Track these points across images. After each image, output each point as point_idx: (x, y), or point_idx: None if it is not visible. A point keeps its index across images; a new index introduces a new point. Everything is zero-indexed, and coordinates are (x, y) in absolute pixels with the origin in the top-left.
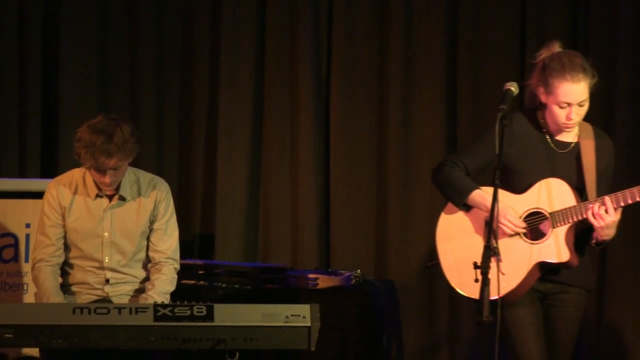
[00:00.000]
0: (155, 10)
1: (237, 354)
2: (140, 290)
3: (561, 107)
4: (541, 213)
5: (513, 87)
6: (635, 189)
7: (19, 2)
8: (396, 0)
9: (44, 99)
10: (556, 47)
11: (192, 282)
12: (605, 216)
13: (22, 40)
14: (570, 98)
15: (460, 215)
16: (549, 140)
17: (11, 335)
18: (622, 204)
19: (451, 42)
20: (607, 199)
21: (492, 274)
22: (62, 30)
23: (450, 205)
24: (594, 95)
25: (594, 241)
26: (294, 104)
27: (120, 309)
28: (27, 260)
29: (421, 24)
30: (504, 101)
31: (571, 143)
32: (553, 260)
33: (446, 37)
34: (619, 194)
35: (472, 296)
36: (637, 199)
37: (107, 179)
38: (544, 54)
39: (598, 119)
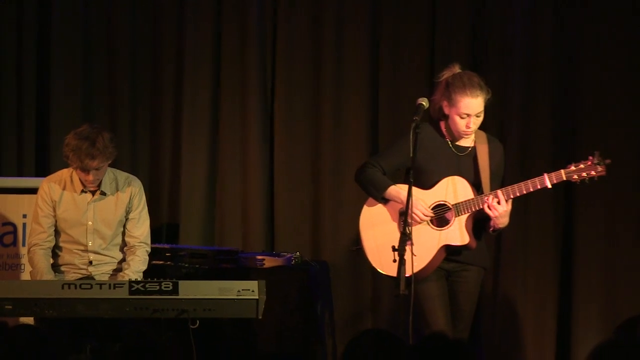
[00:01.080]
0: (130, 34)
1: (197, 322)
2: (118, 270)
3: (462, 118)
4: (446, 205)
5: (424, 102)
6: (522, 184)
7: (17, 21)
8: (329, 31)
9: (37, 108)
10: (457, 69)
11: (161, 262)
12: (498, 207)
13: (19, 59)
14: (470, 110)
15: (379, 207)
16: (450, 145)
17: (11, 307)
18: (512, 196)
19: (374, 65)
20: (499, 192)
21: (407, 256)
22: (52, 52)
23: (371, 199)
24: (488, 108)
25: (491, 229)
26: (244, 114)
27: (101, 284)
28: (23, 245)
29: (349, 47)
30: (416, 113)
31: (469, 147)
32: (456, 243)
33: (370, 61)
34: (509, 187)
35: (390, 274)
36: (524, 192)
37: (90, 177)
38: (446, 74)
39: (492, 127)
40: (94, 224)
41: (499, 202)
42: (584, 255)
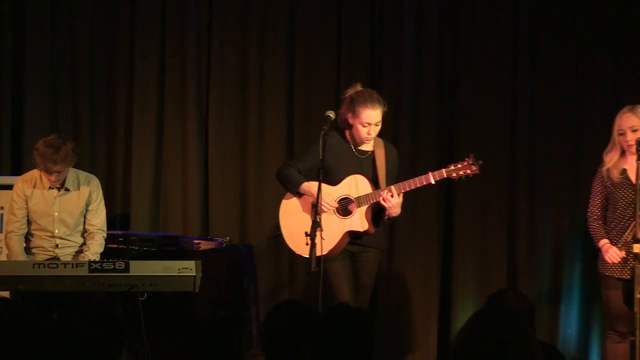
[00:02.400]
0: (90, 58)
1: (145, 295)
2: (79, 252)
3: (364, 126)
4: (349, 198)
5: (331, 114)
6: (411, 180)
7: None
8: (253, 55)
9: (12, 119)
10: (359, 87)
11: (115, 246)
12: (392, 199)
13: None
14: (370, 120)
15: (295, 200)
16: (353, 149)
17: None
18: (403, 191)
19: (290, 85)
20: (392, 187)
21: (317, 240)
22: (25, 74)
23: (288, 194)
24: (384, 119)
25: (387, 217)
26: (184, 124)
27: (65, 264)
28: (0, 232)
29: (270, 69)
30: (325, 123)
31: (369, 151)
32: (358, 229)
33: (287, 81)
34: (400, 183)
35: (304, 255)
36: (413, 187)
37: (53, 178)
38: (350, 91)
39: (388, 134)
40: (59, 215)
41: (392, 196)
42: (461, 238)
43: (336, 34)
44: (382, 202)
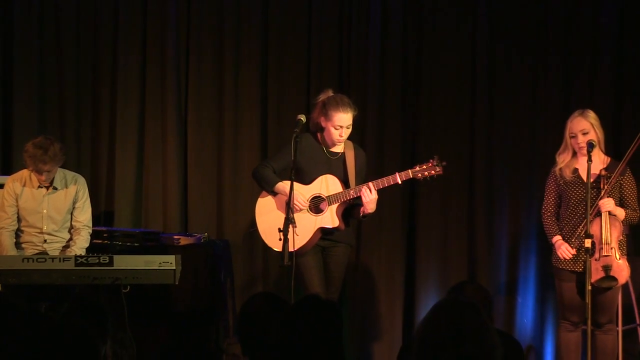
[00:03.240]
0: (75, 64)
1: (128, 287)
2: (66, 247)
3: (336, 129)
4: (321, 196)
5: (302, 118)
6: (379, 180)
7: None
8: (229, 59)
9: (3, 122)
10: (330, 92)
11: (99, 241)
12: (370, 195)
13: None
14: (342, 122)
15: (270, 198)
16: (325, 151)
17: None
18: (377, 188)
19: (264, 90)
20: (370, 184)
21: (290, 235)
22: (14, 80)
23: (264, 192)
24: (355, 122)
25: (361, 215)
26: (164, 125)
27: (53, 258)
28: None
29: (245, 75)
30: (296, 126)
31: (339, 153)
32: (328, 226)
33: (260, 87)
34: (372, 182)
35: (277, 249)
36: (381, 186)
37: (42, 177)
38: (322, 96)
39: (357, 137)
40: (48, 212)
41: (370, 192)
42: (424, 234)
43: (307, 43)
44: (362, 197)
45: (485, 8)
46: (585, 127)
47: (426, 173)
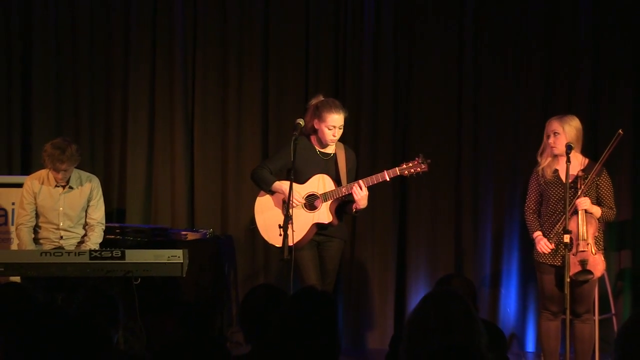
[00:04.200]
0: (89, 71)
1: (139, 279)
2: (81, 242)
3: (329, 129)
4: (315, 194)
5: (301, 122)
6: (369, 178)
7: (7, 63)
8: (233, 70)
9: (22, 125)
10: (321, 97)
11: (112, 237)
12: (361, 192)
13: (8, 94)
14: (335, 123)
15: (268, 197)
16: (318, 152)
17: (3, 269)
18: (367, 185)
19: (264, 96)
20: (360, 181)
21: (289, 231)
22: (33, 86)
23: (262, 192)
24: (346, 123)
25: (354, 211)
26: (172, 129)
27: (69, 252)
28: (12, 224)
29: (248, 78)
30: (295, 129)
31: (331, 154)
32: (323, 221)
33: (261, 92)
34: (362, 180)
35: (277, 245)
36: (371, 184)
37: (60, 176)
38: (314, 101)
39: (350, 138)
40: (64, 209)
41: (361, 188)
42: (414, 230)
43: (304, 53)
44: (353, 194)
45: (471, 16)
46: (556, 128)
47: (412, 170)
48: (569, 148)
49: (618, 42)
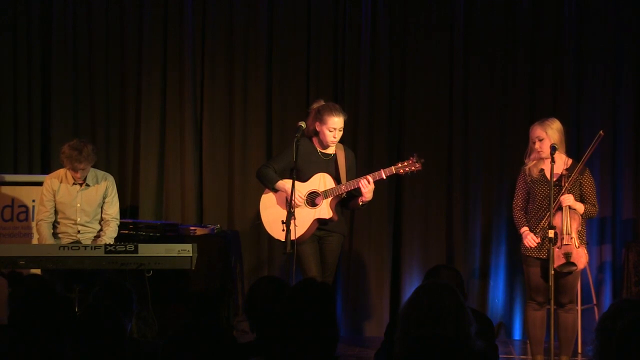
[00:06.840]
0: (104, 79)
1: (151, 271)
2: (97, 237)
3: (330, 131)
4: (317, 192)
5: (303, 124)
6: (376, 172)
7: (27, 67)
8: (239, 77)
9: (42, 127)
10: (321, 101)
11: (126, 232)
12: (368, 185)
13: (29, 98)
14: (336, 125)
15: (272, 195)
16: (319, 153)
17: (24, 262)
18: (374, 180)
19: (268, 101)
20: (369, 176)
21: (291, 226)
22: (52, 91)
23: (267, 190)
24: (348, 125)
25: (360, 204)
26: (182, 132)
27: (85, 246)
28: (33, 220)
29: (253, 82)
30: (297, 132)
31: (332, 154)
32: (324, 217)
33: (265, 97)
34: (372, 174)
35: (280, 239)
36: (378, 178)
37: (78, 175)
38: (315, 105)
39: (349, 139)
40: (81, 206)
41: (368, 182)
42: (408, 225)
43: (306, 60)
44: (361, 187)
45: (462, 22)
46: (539, 134)
47: (407, 169)
48: (552, 149)
49: (599, 46)
